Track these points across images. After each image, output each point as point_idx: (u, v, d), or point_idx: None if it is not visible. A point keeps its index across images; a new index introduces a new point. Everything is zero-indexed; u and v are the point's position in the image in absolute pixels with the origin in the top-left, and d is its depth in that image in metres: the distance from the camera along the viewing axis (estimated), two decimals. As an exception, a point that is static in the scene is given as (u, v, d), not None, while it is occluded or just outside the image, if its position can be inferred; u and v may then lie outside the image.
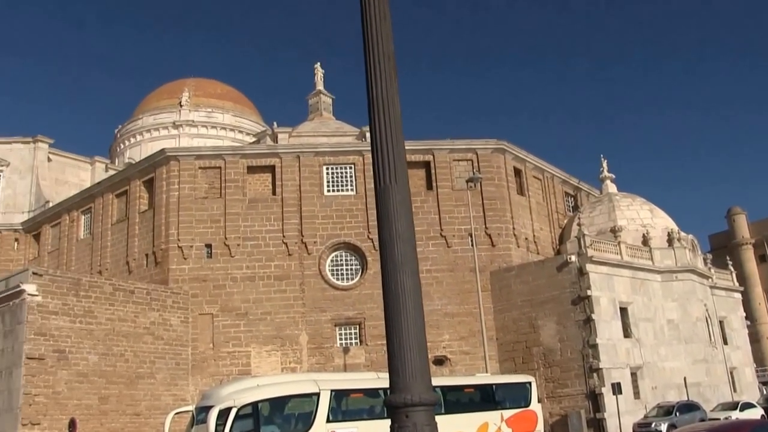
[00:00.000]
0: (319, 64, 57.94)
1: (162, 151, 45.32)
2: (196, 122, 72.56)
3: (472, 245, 40.45)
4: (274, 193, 43.73)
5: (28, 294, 34.26)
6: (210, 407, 22.93)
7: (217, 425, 22.04)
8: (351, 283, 42.98)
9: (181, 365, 39.82)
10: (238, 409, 22.48)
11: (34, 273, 35.36)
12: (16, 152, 58.04)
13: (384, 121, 6.67)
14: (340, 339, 42.27)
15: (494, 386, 30.35)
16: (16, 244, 55.28)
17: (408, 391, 6.13)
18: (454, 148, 45.61)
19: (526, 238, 46.23)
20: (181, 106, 72.71)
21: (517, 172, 47.82)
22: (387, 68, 6.90)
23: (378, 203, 6.46)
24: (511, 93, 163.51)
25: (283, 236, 42.73)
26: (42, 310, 34.63)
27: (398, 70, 6.98)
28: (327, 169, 44.42)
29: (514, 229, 45.10)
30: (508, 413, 29.08)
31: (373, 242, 42.64)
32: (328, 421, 23.80)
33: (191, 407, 27.23)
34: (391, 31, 7.03)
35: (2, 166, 57.39)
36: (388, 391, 6.35)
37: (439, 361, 41.04)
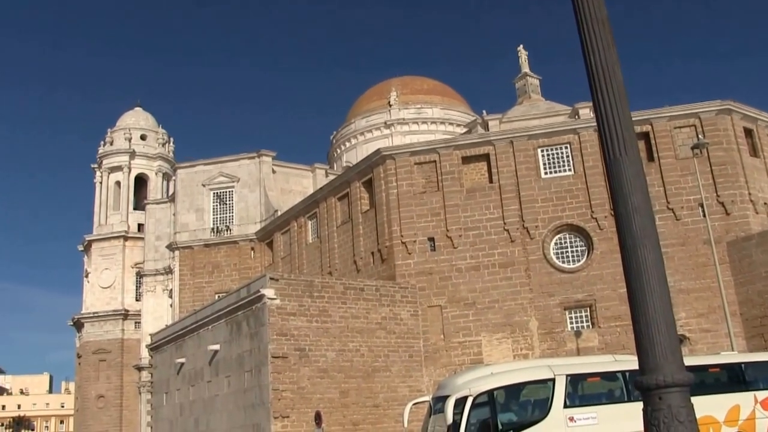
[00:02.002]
0: (522, 46, 57.23)
1: (378, 151, 46.43)
2: (407, 120, 73.95)
3: (704, 216, 38.01)
4: (490, 181, 43.51)
5: (268, 298, 36.44)
6: (446, 397, 23.09)
7: (454, 414, 22.14)
8: (577, 265, 41.87)
9: (414, 357, 40.67)
10: (475, 398, 22.45)
11: (271, 278, 37.48)
12: (244, 168, 61.71)
13: (607, 91, 6.37)
14: (571, 323, 41.32)
15: (743, 365, 28.08)
16: (252, 252, 59.07)
17: (660, 372, 5.84)
18: (673, 114, 43.12)
19: (765, 203, 42.85)
20: (390, 105, 74.42)
21: (748, 132, 44.26)
22: (603, 35, 6.59)
23: (610, 177, 6.16)
24: (735, 48, 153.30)
25: (504, 223, 42.45)
26: (281, 312, 36.66)
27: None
28: (542, 151, 43.51)
29: (749, 194, 41.88)
30: (762, 395, 26.83)
31: (597, 222, 41.35)
32: (565, 406, 23.16)
33: (428, 397, 27.59)
34: (602, -5, 6.74)
35: (233, 182, 61.36)
36: (638, 373, 6.06)
37: (678, 341, 39.04)
